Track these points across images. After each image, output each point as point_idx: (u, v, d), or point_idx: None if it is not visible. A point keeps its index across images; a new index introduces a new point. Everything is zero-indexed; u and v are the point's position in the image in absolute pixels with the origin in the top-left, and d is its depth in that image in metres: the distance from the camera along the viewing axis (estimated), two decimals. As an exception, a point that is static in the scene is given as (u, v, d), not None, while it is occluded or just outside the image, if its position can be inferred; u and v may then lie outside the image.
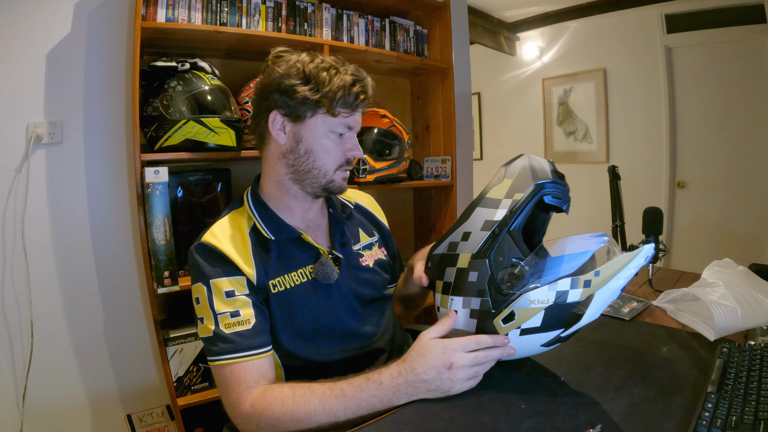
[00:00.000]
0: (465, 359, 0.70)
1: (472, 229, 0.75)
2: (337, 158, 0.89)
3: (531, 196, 0.73)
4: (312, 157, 0.87)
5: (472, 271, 0.74)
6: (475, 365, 0.70)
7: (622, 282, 0.68)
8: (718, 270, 1.10)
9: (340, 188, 0.92)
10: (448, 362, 0.69)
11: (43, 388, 1.48)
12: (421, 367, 0.70)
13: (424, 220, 2.34)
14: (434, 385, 0.69)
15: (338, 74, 0.85)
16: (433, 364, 0.70)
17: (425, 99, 2.28)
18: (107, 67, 1.55)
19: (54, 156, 1.49)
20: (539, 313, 0.70)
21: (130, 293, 1.62)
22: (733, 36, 3.07)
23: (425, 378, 0.69)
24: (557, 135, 4.06)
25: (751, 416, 0.60)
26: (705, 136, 3.29)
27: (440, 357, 0.70)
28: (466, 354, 0.70)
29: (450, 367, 0.69)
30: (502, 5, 3.76)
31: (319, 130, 0.87)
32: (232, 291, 0.81)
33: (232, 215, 0.91)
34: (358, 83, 0.86)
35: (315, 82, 0.84)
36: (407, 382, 0.70)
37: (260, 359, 0.79)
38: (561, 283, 0.69)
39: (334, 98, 0.84)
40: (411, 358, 0.72)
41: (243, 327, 0.79)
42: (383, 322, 0.97)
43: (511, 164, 0.79)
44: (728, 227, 3.23)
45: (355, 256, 0.97)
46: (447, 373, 0.69)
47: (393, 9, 2.02)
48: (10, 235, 1.43)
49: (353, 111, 0.88)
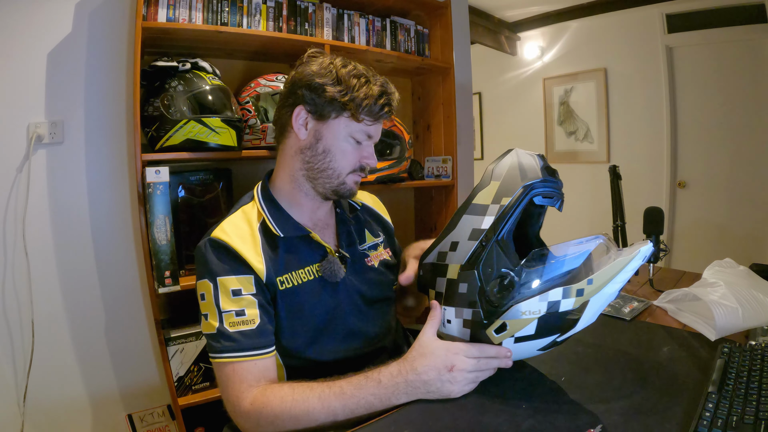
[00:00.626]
0: (467, 364, 0.70)
1: (460, 238, 0.74)
2: (353, 162, 0.90)
3: (519, 200, 0.69)
4: (329, 157, 0.89)
5: (462, 282, 0.73)
6: (475, 371, 0.71)
7: (619, 285, 0.66)
8: (718, 270, 1.10)
9: (351, 192, 0.93)
10: (449, 364, 0.69)
11: (44, 387, 1.48)
12: (423, 366, 0.70)
13: (425, 220, 2.34)
14: (434, 386, 0.69)
15: (368, 83, 0.87)
16: (434, 365, 0.70)
17: (426, 99, 2.28)
18: (108, 67, 1.55)
19: (55, 156, 1.49)
20: (532, 323, 0.68)
21: (131, 293, 1.63)
22: (734, 36, 3.07)
23: (426, 378, 0.69)
24: (558, 135, 4.06)
25: (752, 416, 0.60)
26: (706, 136, 3.29)
27: (442, 358, 0.70)
28: (468, 359, 0.70)
29: (451, 369, 0.69)
30: (503, 5, 3.76)
31: (341, 132, 0.88)
32: (239, 290, 0.81)
33: (243, 210, 0.91)
34: (386, 95, 0.89)
35: (345, 86, 0.86)
36: (407, 382, 0.70)
37: (263, 359, 0.79)
38: (552, 293, 0.67)
39: (360, 105, 0.86)
40: (412, 357, 0.72)
41: (247, 326, 0.79)
42: (387, 322, 0.98)
43: (498, 163, 0.75)
44: (729, 227, 3.23)
45: (361, 256, 0.97)
46: (447, 375, 0.69)
47: (394, 9, 2.02)
48: (11, 234, 1.43)
49: (376, 121, 0.90)
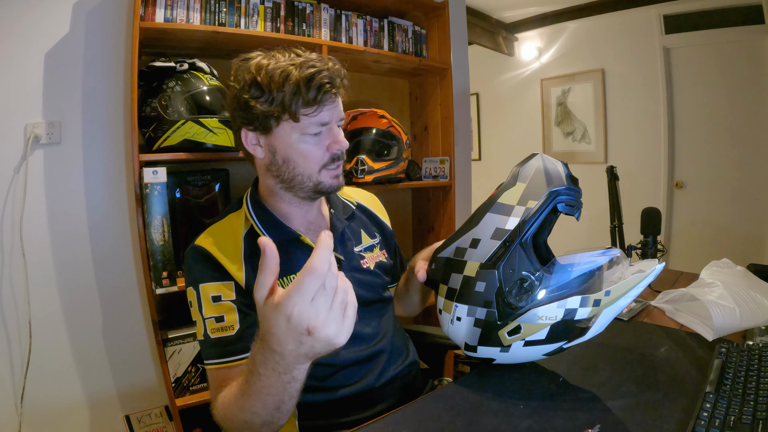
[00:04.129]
0: (318, 309, 0.50)
1: (482, 236, 0.73)
2: (318, 159, 0.84)
3: (545, 204, 0.70)
4: (291, 165, 0.84)
5: (480, 281, 0.72)
6: (332, 302, 0.51)
7: (630, 299, 0.68)
8: (716, 270, 1.10)
9: (331, 187, 0.87)
10: (301, 327, 0.50)
11: (42, 388, 1.47)
12: (278, 346, 0.53)
13: (423, 221, 2.34)
14: (304, 353, 0.53)
15: (291, 75, 0.78)
16: (284, 338, 0.52)
17: (424, 99, 2.28)
18: (106, 68, 1.55)
19: (52, 156, 1.49)
20: (545, 328, 0.69)
21: (128, 294, 1.62)
22: (732, 37, 3.08)
23: (289, 355, 0.54)
24: (556, 135, 4.06)
25: (749, 416, 0.60)
26: (703, 137, 3.30)
27: (284, 327, 0.51)
28: (314, 303, 0.49)
29: (309, 332, 0.50)
30: (501, 6, 3.76)
31: (290, 137, 0.82)
32: (218, 296, 0.81)
33: (230, 218, 0.91)
34: (318, 75, 0.78)
35: (268, 91, 0.79)
36: (279, 365, 0.56)
37: (241, 366, 0.77)
38: (570, 300, 0.68)
39: (290, 103, 0.78)
40: (262, 333, 0.55)
41: (226, 333, 0.79)
42: (383, 324, 0.97)
43: (524, 165, 0.75)
44: (726, 227, 3.24)
45: (356, 258, 0.96)
46: (309, 338, 0.51)
47: (391, 9, 2.02)
48: (8, 235, 1.43)
49: (320, 105, 0.80)
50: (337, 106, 0.84)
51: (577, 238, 3.00)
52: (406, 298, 1.06)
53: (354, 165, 1.78)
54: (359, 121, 1.88)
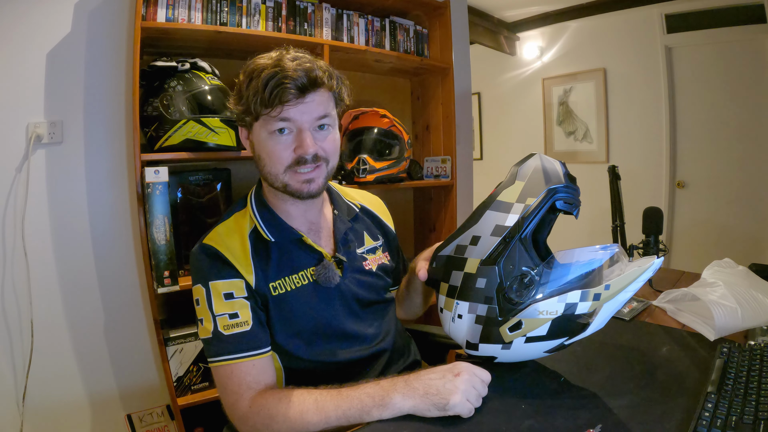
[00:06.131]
0: (474, 376, 0.69)
1: (482, 233, 0.74)
2: (283, 159, 0.83)
3: (544, 201, 0.71)
4: (262, 162, 0.86)
5: (481, 277, 0.73)
6: (480, 388, 0.69)
7: (630, 294, 0.68)
8: (718, 270, 1.10)
9: (300, 192, 0.85)
10: (456, 371, 0.69)
11: (43, 387, 1.48)
12: (427, 373, 0.70)
13: (424, 220, 2.34)
14: (434, 388, 0.67)
15: (259, 76, 0.80)
16: (439, 370, 0.70)
17: (425, 99, 2.28)
18: (107, 67, 1.55)
19: (54, 156, 1.49)
20: (546, 324, 0.69)
21: (130, 293, 1.63)
22: (733, 36, 3.07)
23: (427, 379, 0.69)
24: (557, 135, 4.06)
25: (751, 416, 0.60)
26: (705, 136, 3.29)
27: (449, 367, 0.70)
28: (475, 375, 0.69)
29: (457, 375, 0.68)
30: (502, 5, 3.76)
31: (260, 134, 0.84)
32: (230, 293, 0.81)
33: (235, 217, 0.91)
34: (277, 75, 0.79)
35: (240, 91, 0.84)
36: (406, 382, 0.69)
37: (260, 360, 0.79)
38: (570, 295, 0.68)
39: (253, 104, 0.81)
40: (416, 377, 0.71)
41: (241, 328, 0.79)
42: (384, 325, 0.97)
43: (523, 165, 0.77)
44: (728, 227, 3.23)
45: (359, 260, 0.96)
46: (451, 377, 0.68)
47: (393, 9, 2.02)
48: (11, 234, 1.43)
49: (282, 105, 0.80)
50: (302, 106, 0.82)
51: (578, 238, 3.00)
52: (407, 299, 1.06)
53: (356, 164, 1.78)
54: (361, 121, 1.88)
